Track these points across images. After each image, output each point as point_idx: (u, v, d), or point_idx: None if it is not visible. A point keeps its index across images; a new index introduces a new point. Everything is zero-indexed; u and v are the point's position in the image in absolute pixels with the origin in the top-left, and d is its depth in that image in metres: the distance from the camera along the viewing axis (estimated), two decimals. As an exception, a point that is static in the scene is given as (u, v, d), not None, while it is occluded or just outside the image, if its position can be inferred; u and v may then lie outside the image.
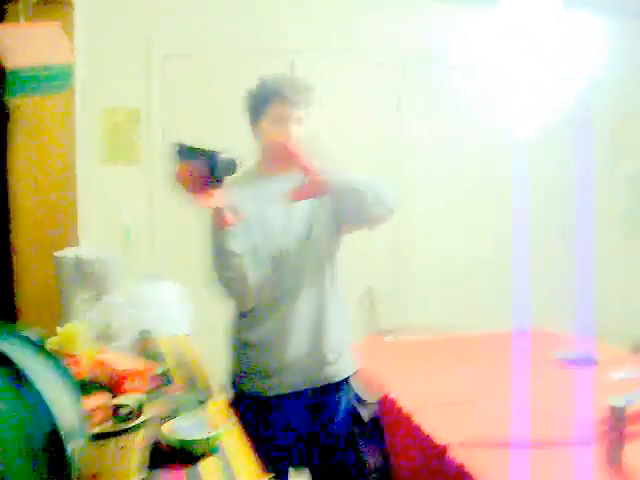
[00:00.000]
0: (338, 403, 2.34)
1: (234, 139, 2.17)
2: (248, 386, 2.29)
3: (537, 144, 4.25)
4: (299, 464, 2.35)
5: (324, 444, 2.31)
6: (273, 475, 1.59)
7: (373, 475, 2.36)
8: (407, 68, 4.53)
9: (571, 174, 4.70)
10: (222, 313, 2.30)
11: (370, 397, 2.25)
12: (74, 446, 0.96)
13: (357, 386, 2.34)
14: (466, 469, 1.93)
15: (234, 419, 1.89)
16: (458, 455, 2.01)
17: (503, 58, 2.77)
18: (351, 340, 2.40)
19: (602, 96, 4.63)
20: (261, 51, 4.18)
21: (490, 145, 4.58)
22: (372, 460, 2.34)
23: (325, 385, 2.30)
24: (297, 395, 2.26)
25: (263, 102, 2.20)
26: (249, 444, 1.75)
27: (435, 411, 2.37)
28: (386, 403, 2.51)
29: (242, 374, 2.32)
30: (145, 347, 2.32)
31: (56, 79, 2.81)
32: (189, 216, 2.44)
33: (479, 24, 3.00)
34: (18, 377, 0.92)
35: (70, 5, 3.30)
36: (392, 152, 4.58)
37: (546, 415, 2.32)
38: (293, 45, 4.26)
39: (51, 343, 1.85)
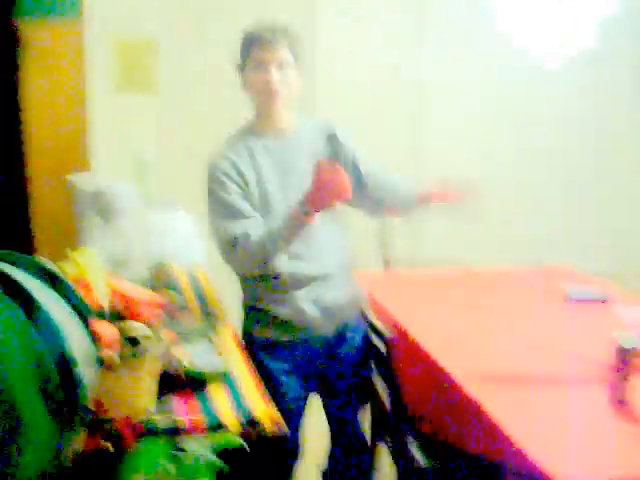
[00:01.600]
0: (352, 338, 2.37)
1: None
2: (263, 334, 2.31)
3: (560, 78, 4.15)
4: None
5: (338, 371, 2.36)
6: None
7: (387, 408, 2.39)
8: (428, 6, 4.41)
9: (593, 112, 4.61)
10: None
11: (385, 330, 2.25)
12: (86, 370, 0.97)
13: (373, 318, 2.34)
14: (479, 403, 1.94)
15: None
16: (472, 389, 2.02)
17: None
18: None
19: (627, 32, 4.49)
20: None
21: (511, 79, 4.48)
22: (386, 394, 2.36)
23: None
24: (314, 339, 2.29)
25: (245, 49, 2.20)
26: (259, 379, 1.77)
27: (450, 345, 2.37)
28: (401, 337, 2.52)
29: (257, 322, 2.32)
30: (160, 275, 2.32)
31: (65, 2, 2.77)
32: (204, 146, 2.42)
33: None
34: (29, 304, 0.92)
35: None
36: (411, 82, 4.50)
37: (558, 351, 2.32)
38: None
39: (67, 269, 1.85)
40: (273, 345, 2.27)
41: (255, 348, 2.23)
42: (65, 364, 0.92)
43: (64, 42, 3.39)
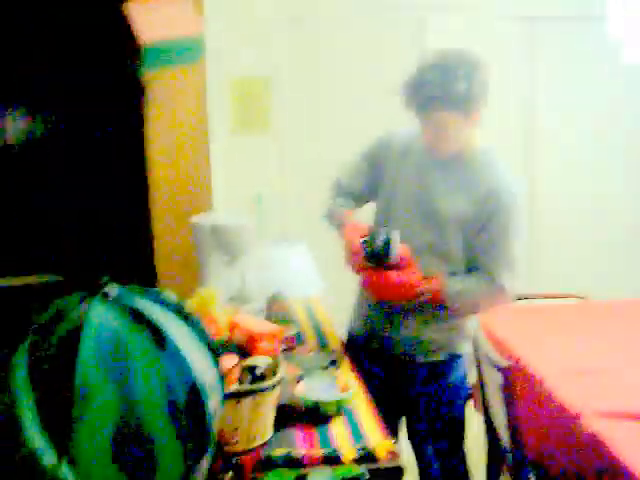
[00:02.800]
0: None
1: (365, 103, 2.18)
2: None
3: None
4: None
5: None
6: (394, 440, 1.60)
7: (503, 442, 2.34)
8: (540, 22, 4.35)
9: None
10: (351, 276, 2.33)
11: (502, 362, 2.21)
12: (213, 403, 1.01)
13: (488, 350, 2.31)
14: (600, 439, 1.87)
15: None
16: (592, 424, 1.96)
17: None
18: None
19: None
20: (391, 9, 4.11)
21: (630, 106, 4.35)
22: (504, 429, 2.31)
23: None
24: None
25: (411, 98, 2.06)
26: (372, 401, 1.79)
27: (568, 378, 2.31)
28: (517, 369, 2.47)
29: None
30: (278, 309, 2.38)
31: (187, 51, 2.90)
32: (318, 182, 2.48)
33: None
34: (160, 337, 0.97)
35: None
36: (525, 111, 4.45)
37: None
38: (424, 2, 4.17)
39: (190, 305, 1.94)
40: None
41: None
42: (194, 395, 0.97)
43: (185, 85, 3.56)
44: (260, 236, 3.30)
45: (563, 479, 2.11)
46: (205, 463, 1.03)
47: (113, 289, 1.00)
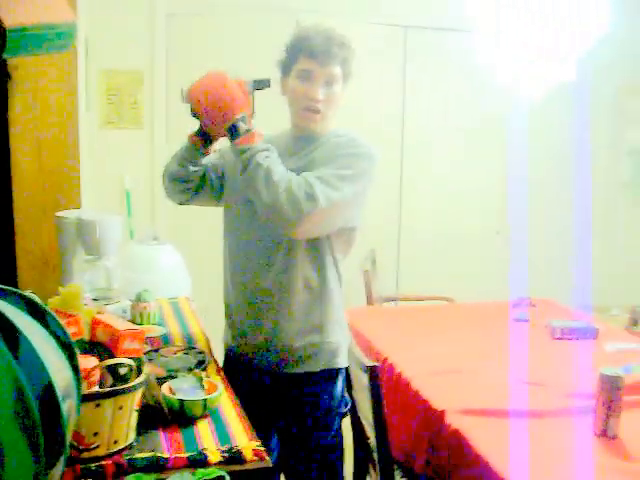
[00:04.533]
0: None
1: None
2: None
3: (537, 110, 4.21)
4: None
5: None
6: (261, 443, 1.57)
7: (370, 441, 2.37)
8: (411, 30, 4.49)
9: (571, 142, 4.68)
10: (221, 277, 2.29)
11: (367, 362, 2.24)
12: (69, 405, 0.96)
13: (355, 351, 2.33)
14: (463, 435, 1.94)
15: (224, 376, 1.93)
16: (455, 421, 2.02)
17: (505, 20, 2.71)
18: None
19: (605, 64, 4.57)
20: (265, 9, 4.12)
21: (493, 111, 4.55)
22: (370, 426, 2.34)
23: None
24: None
25: (294, 53, 2.03)
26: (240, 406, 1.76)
27: (433, 377, 2.38)
28: (385, 369, 2.52)
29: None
30: (144, 309, 2.32)
31: (57, 38, 2.77)
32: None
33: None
34: (12, 335, 0.91)
35: (71, -37, 3.25)
36: (395, 116, 4.57)
37: (542, 384, 2.33)
38: (298, 4, 4.21)
39: (52, 303, 1.85)
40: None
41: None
42: (47, 397, 0.91)
43: (54, 75, 3.41)
44: (128, 234, 3.22)
45: (427, 475, 2.17)
46: (59, 470, 0.98)
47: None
